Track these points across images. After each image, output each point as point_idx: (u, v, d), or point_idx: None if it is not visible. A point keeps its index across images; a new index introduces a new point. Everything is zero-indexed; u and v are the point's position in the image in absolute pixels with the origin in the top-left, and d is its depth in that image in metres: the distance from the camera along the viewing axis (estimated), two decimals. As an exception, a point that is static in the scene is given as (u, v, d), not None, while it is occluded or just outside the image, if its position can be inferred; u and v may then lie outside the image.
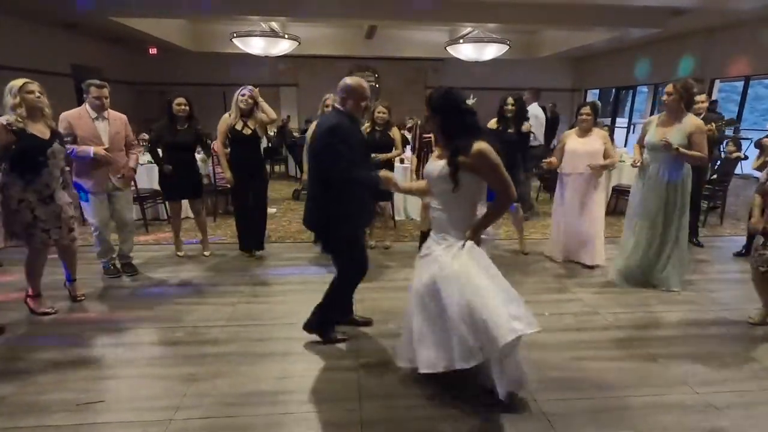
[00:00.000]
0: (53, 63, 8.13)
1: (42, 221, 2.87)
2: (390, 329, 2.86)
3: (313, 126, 4.32)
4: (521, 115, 4.12)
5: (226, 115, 3.98)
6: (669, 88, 3.34)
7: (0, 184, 2.81)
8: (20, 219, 2.83)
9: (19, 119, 2.75)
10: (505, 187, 2.07)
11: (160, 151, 4.07)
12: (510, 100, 4.08)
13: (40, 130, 2.85)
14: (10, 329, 2.86)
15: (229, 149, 4.06)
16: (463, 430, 2.05)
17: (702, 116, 4.53)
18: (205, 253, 4.26)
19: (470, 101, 2.07)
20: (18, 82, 2.80)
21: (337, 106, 2.53)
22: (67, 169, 3.14)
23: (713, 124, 4.31)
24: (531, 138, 4.47)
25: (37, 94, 2.83)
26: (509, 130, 4.11)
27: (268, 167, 5.97)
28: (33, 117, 2.83)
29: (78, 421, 2.05)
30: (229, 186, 4.10)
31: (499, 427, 2.07)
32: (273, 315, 3.13)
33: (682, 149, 3.26)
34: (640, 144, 3.67)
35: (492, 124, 4.23)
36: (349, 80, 2.52)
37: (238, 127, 3.93)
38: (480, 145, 2.02)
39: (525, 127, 4.13)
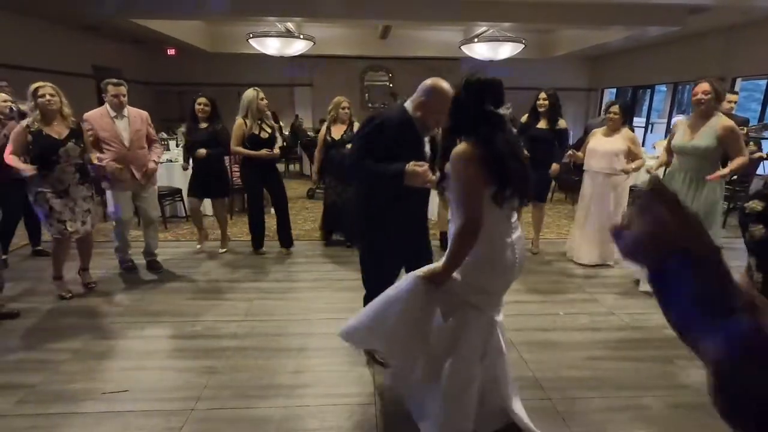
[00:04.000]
0: (75, 64, 8.33)
1: (58, 212, 3.06)
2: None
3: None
4: (555, 110, 4.04)
5: (241, 120, 3.91)
6: (705, 86, 3.04)
7: (26, 179, 3.03)
8: (40, 210, 3.05)
9: (35, 121, 2.95)
10: (464, 210, 1.62)
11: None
12: (543, 95, 4.05)
13: (57, 130, 3.01)
14: (36, 320, 2.98)
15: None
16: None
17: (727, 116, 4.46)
18: (221, 250, 4.35)
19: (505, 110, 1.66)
20: (34, 85, 2.97)
21: (408, 102, 2.21)
22: (90, 165, 3.23)
23: (744, 128, 4.23)
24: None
25: (48, 98, 2.96)
26: (539, 126, 4.10)
27: (282, 166, 6.04)
28: (47, 119, 2.99)
29: (104, 409, 2.12)
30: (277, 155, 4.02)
31: (515, 425, 2.08)
32: (288, 311, 3.18)
33: (724, 171, 3.03)
34: (668, 149, 3.45)
35: (523, 118, 4.25)
36: (430, 81, 2.12)
37: (256, 131, 3.93)
38: (458, 148, 1.64)
39: (561, 123, 4.08)
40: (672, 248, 0.58)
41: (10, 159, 2.92)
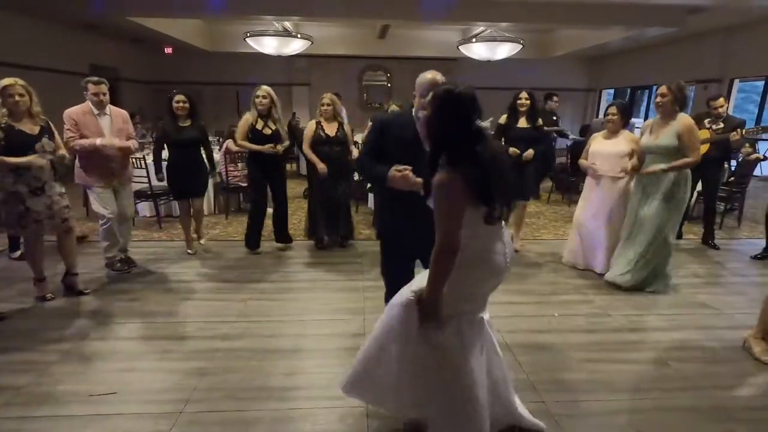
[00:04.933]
0: (73, 63, 8.29)
1: (34, 212, 2.98)
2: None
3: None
4: (535, 109, 4.19)
5: (248, 114, 4.04)
6: (663, 89, 3.28)
7: None
8: (12, 210, 2.94)
9: (4, 116, 2.87)
10: (441, 232, 1.58)
11: (165, 152, 4.07)
12: (524, 94, 4.14)
13: (29, 126, 2.94)
14: (25, 321, 2.95)
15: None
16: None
17: (723, 119, 4.44)
18: (201, 241, 4.35)
19: (485, 123, 1.61)
20: (3, 82, 2.87)
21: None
22: (67, 156, 3.17)
23: (738, 131, 4.22)
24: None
25: (17, 98, 2.86)
26: (518, 125, 4.17)
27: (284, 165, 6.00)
28: (15, 117, 2.91)
29: (91, 412, 2.09)
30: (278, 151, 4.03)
31: (508, 428, 2.06)
32: (282, 312, 3.16)
33: (666, 166, 3.27)
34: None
35: (503, 119, 4.29)
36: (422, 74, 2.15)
37: (259, 126, 3.99)
38: (440, 177, 1.56)
39: (539, 121, 4.20)
40: None
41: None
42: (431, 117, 1.63)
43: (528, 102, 4.13)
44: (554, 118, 6.86)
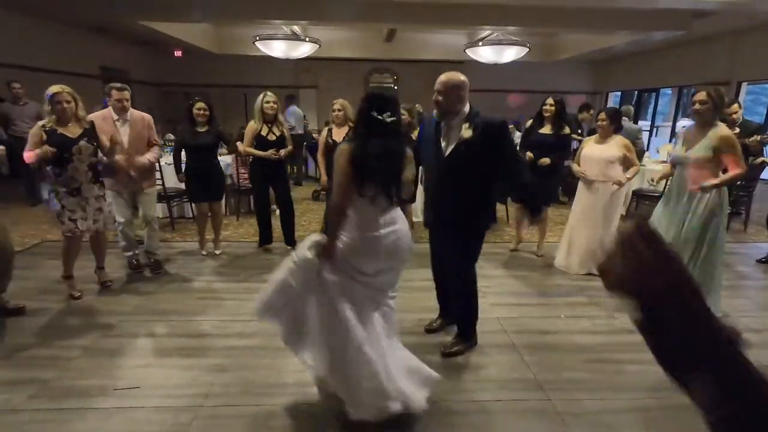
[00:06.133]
0: (83, 65, 8.44)
1: (69, 211, 3.14)
2: (405, 326, 2.93)
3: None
4: (560, 116, 4.10)
5: (252, 122, 4.13)
6: (701, 95, 2.86)
7: (42, 174, 3.17)
8: (52, 207, 3.16)
9: (50, 122, 3.04)
10: (334, 192, 1.97)
11: (183, 155, 4.15)
12: (549, 100, 4.10)
13: (71, 129, 3.09)
14: (48, 318, 3.04)
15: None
16: (477, 424, 2.11)
17: (739, 124, 4.43)
18: (217, 251, 4.36)
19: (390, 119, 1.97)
20: (52, 90, 3.04)
21: None
22: (99, 166, 3.30)
23: (756, 137, 4.22)
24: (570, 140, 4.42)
25: (64, 105, 3.03)
26: (541, 131, 4.16)
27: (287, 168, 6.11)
28: (62, 122, 3.07)
29: (116, 405, 2.18)
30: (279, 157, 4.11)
31: (515, 426, 2.12)
32: (294, 311, 3.23)
33: (712, 182, 2.88)
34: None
35: (529, 123, 4.37)
36: None
37: (263, 133, 4.09)
38: (341, 145, 2.00)
39: (565, 130, 4.14)
40: (657, 287, 0.61)
41: (27, 156, 2.99)
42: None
43: (552, 108, 4.05)
44: (579, 131, 6.46)
